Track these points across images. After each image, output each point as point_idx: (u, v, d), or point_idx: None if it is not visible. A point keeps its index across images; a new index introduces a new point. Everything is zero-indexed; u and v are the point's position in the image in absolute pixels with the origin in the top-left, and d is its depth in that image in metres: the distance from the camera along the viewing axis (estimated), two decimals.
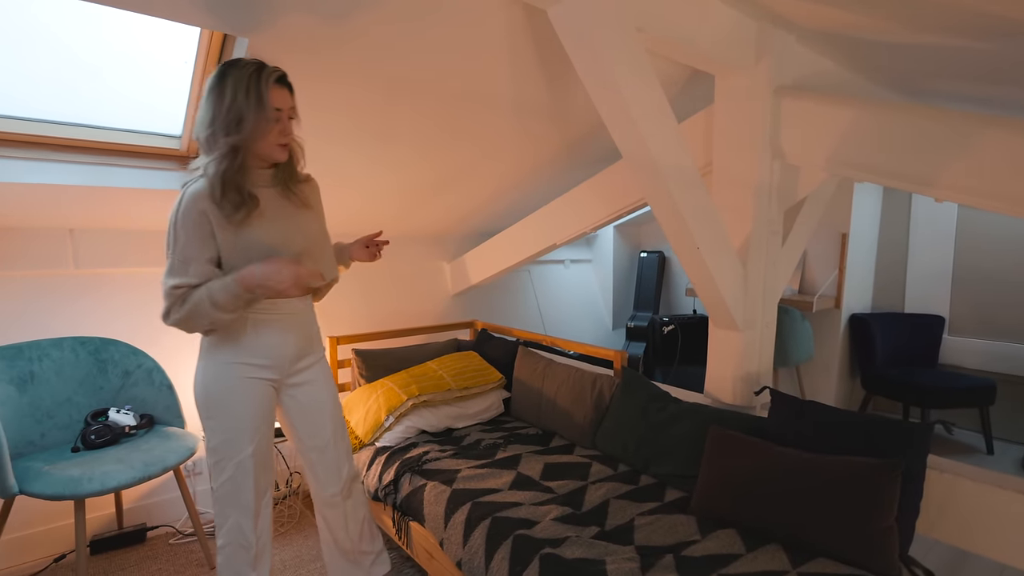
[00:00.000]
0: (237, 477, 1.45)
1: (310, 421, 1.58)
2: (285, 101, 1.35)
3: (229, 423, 1.43)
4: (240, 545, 1.49)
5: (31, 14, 1.54)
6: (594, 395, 2.18)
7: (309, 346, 1.55)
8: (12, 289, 2.07)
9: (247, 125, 1.30)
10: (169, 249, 1.34)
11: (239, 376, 1.43)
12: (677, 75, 2.15)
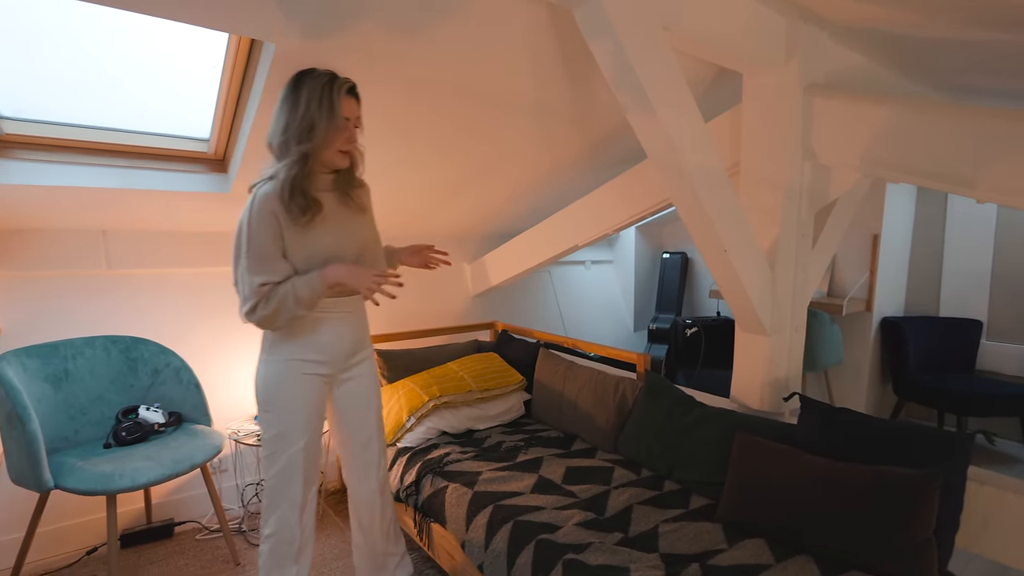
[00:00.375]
0: (288, 470, 1.51)
1: (357, 415, 1.64)
2: (353, 111, 1.44)
3: (284, 417, 1.49)
4: (285, 538, 1.54)
5: (61, 24, 1.58)
6: (616, 398, 2.16)
7: (361, 343, 1.62)
8: (48, 288, 2.13)
9: (318, 133, 1.37)
10: (242, 248, 1.40)
11: (297, 372, 1.49)
12: (704, 73, 2.11)
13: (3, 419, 1.69)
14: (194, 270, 2.42)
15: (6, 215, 1.93)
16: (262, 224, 1.38)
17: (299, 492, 1.54)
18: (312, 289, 1.40)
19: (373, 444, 1.68)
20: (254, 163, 1.99)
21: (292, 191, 1.38)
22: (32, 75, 1.67)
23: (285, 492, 1.52)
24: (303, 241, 1.42)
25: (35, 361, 1.94)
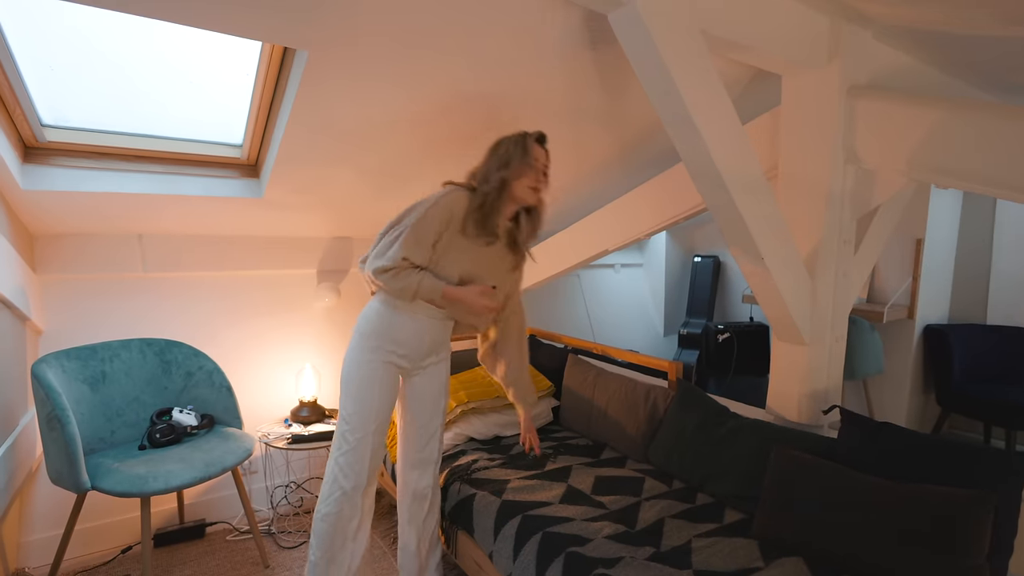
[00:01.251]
0: (358, 450, 1.62)
1: (425, 410, 1.76)
2: (543, 157, 1.62)
3: (363, 398, 1.62)
4: (345, 515, 1.63)
5: (100, 34, 1.61)
6: (647, 407, 2.11)
7: (439, 347, 1.74)
8: (86, 291, 2.19)
9: (512, 165, 1.57)
10: (409, 221, 1.55)
11: (380, 360, 1.63)
12: (740, 75, 2.05)
13: (43, 421, 1.74)
14: (226, 274, 2.46)
15: (48, 220, 1.98)
16: (438, 216, 1.55)
17: (364, 474, 1.63)
18: (431, 295, 1.56)
19: (435, 441, 1.78)
20: (287, 168, 2.01)
21: (483, 207, 1.57)
22: (72, 84, 1.72)
23: (351, 472, 1.62)
24: (456, 253, 1.59)
25: (74, 363, 1.99)
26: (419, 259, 1.56)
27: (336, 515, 1.63)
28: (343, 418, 1.65)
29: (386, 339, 1.63)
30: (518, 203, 1.63)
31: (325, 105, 1.72)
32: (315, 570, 1.65)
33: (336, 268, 2.72)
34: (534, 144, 1.61)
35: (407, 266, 1.55)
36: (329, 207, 2.37)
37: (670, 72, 1.33)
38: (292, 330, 2.64)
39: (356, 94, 1.69)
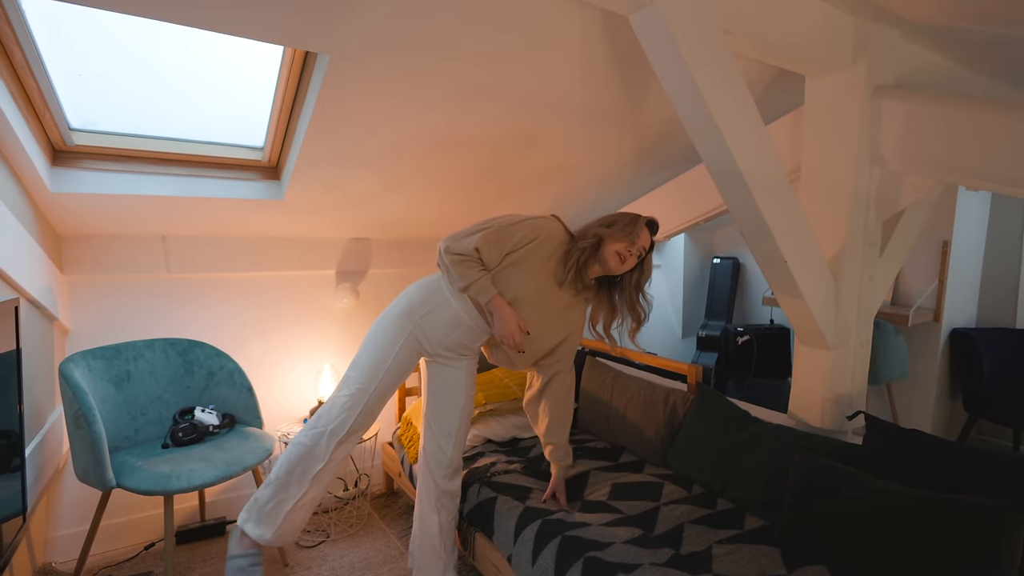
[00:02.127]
0: (354, 398, 1.68)
1: (442, 401, 1.79)
2: (644, 239, 1.63)
3: (378, 355, 1.68)
4: (312, 452, 1.69)
5: (125, 39, 1.64)
6: (666, 411, 2.09)
7: (461, 349, 1.76)
8: (111, 291, 2.23)
9: (615, 227, 1.62)
10: (494, 222, 1.62)
11: (409, 331, 1.68)
12: (761, 75, 2.02)
13: (70, 419, 1.77)
14: (247, 275, 2.49)
15: (75, 222, 2.03)
16: (526, 231, 1.61)
17: (348, 423, 1.68)
18: (481, 294, 1.59)
19: (451, 441, 1.79)
20: (307, 170, 2.03)
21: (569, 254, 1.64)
22: (99, 88, 1.75)
23: (338, 415, 1.68)
24: (523, 274, 1.62)
25: (100, 362, 2.03)
26: (488, 258, 1.59)
27: (306, 447, 1.69)
28: (353, 364, 1.72)
29: (420, 312, 1.68)
30: (603, 266, 1.64)
31: (345, 108, 1.73)
32: (265, 488, 1.74)
33: (355, 269, 2.74)
34: (643, 225, 1.64)
35: (475, 258, 1.59)
36: (348, 209, 2.39)
37: (692, 74, 1.31)
38: (311, 331, 2.66)
39: (376, 96, 1.70)
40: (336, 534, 2.39)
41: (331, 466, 1.72)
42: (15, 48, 1.45)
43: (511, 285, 1.61)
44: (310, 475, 1.70)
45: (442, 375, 1.78)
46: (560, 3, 1.49)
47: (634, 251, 1.61)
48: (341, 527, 2.44)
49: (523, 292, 1.62)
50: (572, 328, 1.75)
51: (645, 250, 1.64)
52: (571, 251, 1.63)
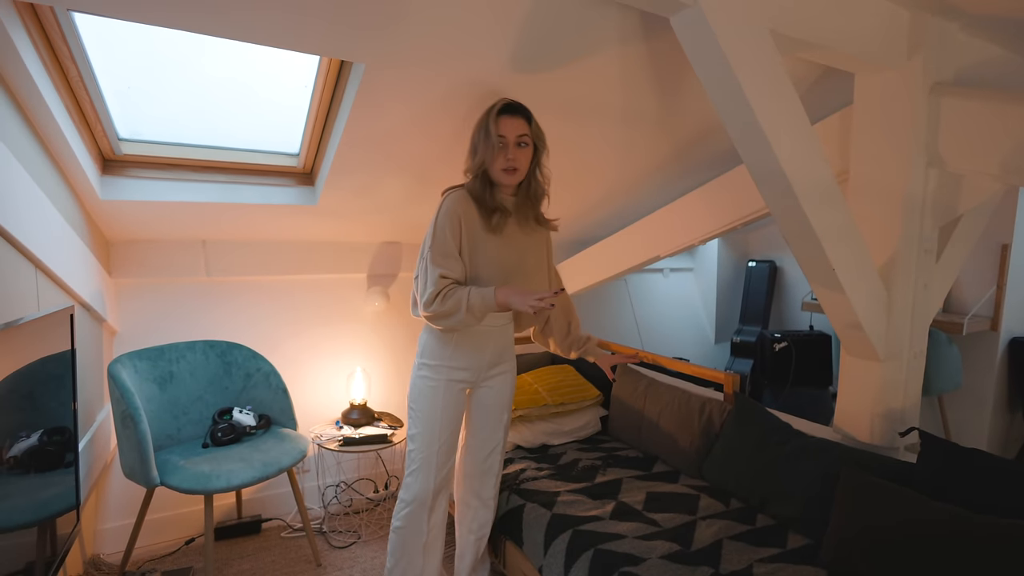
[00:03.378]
0: (423, 469, 1.63)
1: (488, 423, 1.74)
2: (511, 129, 1.50)
3: (427, 419, 1.62)
4: (413, 531, 1.66)
5: (170, 51, 1.68)
6: (702, 420, 2.03)
7: (501, 357, 1.72)
8: (155, 294, 2.30)
9: (478, 154, 1.53)
10: (428, 244, 1.53)
11: (443, 379, 1.62)
12: (805, 74, 1.94)
13: (118, 418, 1.83)
14: (282, 278, 2.54)
15: (122, 227, 2.10)
16: (447, 223, 1.51)
17: (430, 493, 1.64)
18: (484, 301, 1.45)
19: (496, 454, 1.76)
20: (340, 176, 2.05)
21: (474, 198, 1.55)
22: (147, 100, 1.80)
23: (416, 489, 1.63)
24: (479, 246, 1.54)
25: (145, 363, 2.10)
26: (455, 272, 1.50)
27: (404, 529, 1.66)
28: (410, 436, 1.66)
29: (446, 358, 1.62)
30: (505, 186, 1.57)
31: (379, 115, 1.74)
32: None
33: (385, 272, 2.76)
34: (497, 118, 1.49)
35: (448, 283, 1.49)
36: (379, 213, 2.41)
37: (736, 75, 1.26)
38: (343, 333, 2.69)
39: (409, 103, 1.70)
40: (367, 536, 2.41)
41: (435, 534, 1.70)
42: (70, 64, 1.50)
43: (490, 266, 1.55)
44: (418, 551, 1.67)
45: (488, 397, 1.72)
46: (597, 6, 1.46)
47: (512, 154, 1.50)
48: (372, 529, 2.46)
49: (502, 261, 1.57)
50: (547, 244, 1.73)
51: (526, 135, 1.51)
52: (476, 199, 1.55)
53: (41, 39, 1.38)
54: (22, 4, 1.27)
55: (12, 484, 1.14)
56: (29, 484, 1.23)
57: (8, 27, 1.19)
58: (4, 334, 1.04)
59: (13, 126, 1.34)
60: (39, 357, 1.27)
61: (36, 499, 1.24)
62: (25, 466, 1.20)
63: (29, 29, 1.32)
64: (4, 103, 1.30)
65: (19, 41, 1.25)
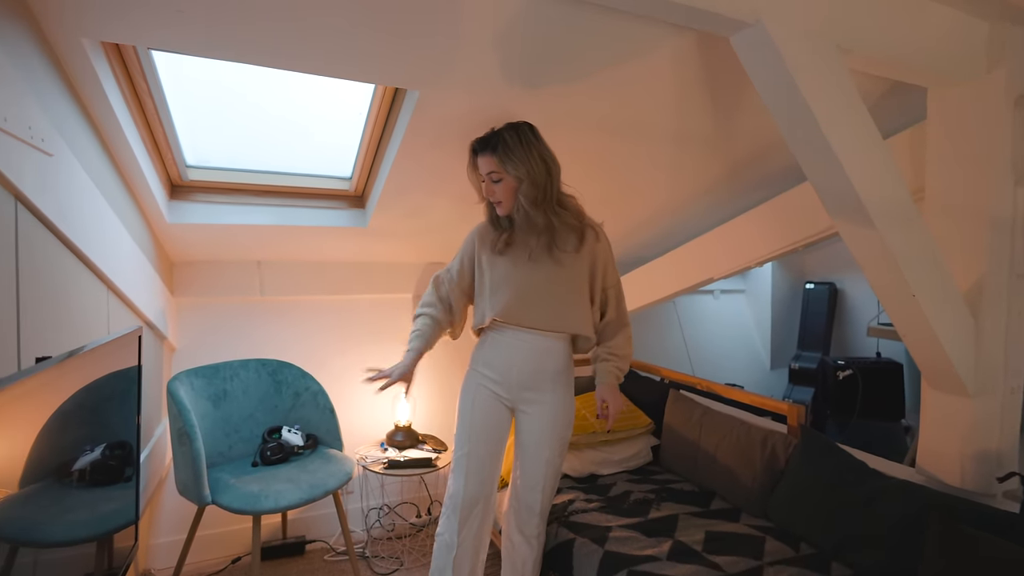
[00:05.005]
0: (456, 471, 1.64)
1: (528, 453, 1.66)
2: (483, 167, 1.56)
3: (460, 418, 1.67)
4: (445, 541, 1.65)
5: (232, 82, 1.75)
6: (765, 455, 1.91)
7: (537, 380, 1.62)
8: (211, 313, 2.38)
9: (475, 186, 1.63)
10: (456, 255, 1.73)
11: (476, 382, 1.67)
12: (871, 88, 1.85)
13: (175, 434, 1.87)
14: (331, 298, 2.58)
15: (186, 249, 2.18)
16: (465, 242, 1.71)
17: (460, 496, 1.61)
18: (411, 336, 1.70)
19: (536, 492, 1.65)
20: (390, 199, 2.07)
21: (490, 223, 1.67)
22: (212, 128, 1.88)
23: (451, 492, 1.64)
24: (489, 267, 1.64)
25: (201, 381, 2.15)
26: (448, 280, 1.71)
27: (441, 536, 1.66)
28: (455, 447, 1.69)
29: (480, 363, 1.67)
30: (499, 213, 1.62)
31: (431, 140, 1.76)
32: None
33: None
34: (472, 158, 1.58)
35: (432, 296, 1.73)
36: (425, 234, 2.43)
37: (803, 93, 1.21)
38: (389, 353, 2.70)
39: (461, 127, 1.71)
40: (410, 563, 2.37)
41: (464, 551, 1.63)
42: (147, 99, 1.58)
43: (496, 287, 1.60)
44: (448, 564, 1.63)
45: (526, 424, 1.65)
46: (653, 29, 1.43)
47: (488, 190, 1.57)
48: (415, 556, 2.42)
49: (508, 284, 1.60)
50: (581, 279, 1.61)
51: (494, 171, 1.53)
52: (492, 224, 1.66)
53: (123, 75, 1.47)
54: (109, 44, 1.35)
55: (76, 497, 1.16)
56: (92, 497, 1.25)
57: (96, 65, 1.27)
58: (79, 356, 1.08)
59: (94, 156, 1.41)
60: (107, 373, 1.30)
61: (98, 513, 1.26)
62: (88, 480, 1.22)
63: (113, 66, 1.40)
64: (87, 135, 1.38)
65: (104, 77, 1.33)
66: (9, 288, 0.96)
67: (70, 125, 1.26)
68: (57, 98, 1.20)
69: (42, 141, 1.03)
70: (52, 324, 1.17)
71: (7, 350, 0.96)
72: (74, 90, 1.30)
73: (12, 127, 0.91)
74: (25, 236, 1.01)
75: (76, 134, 1.29)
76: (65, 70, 1.24)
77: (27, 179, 0.97)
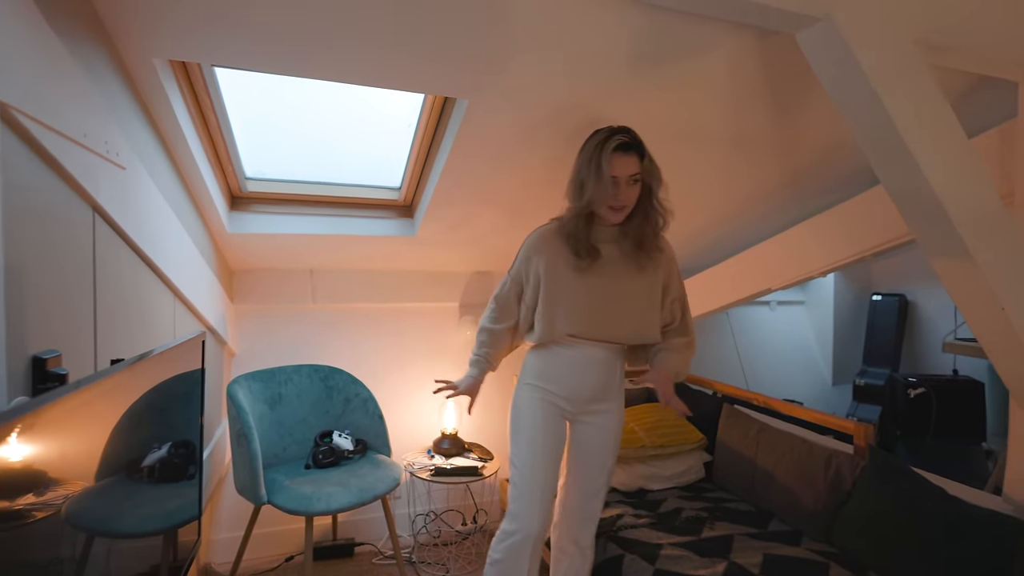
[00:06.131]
0: (527, 495, 1.52)
1: (588, 464, 1.60)
2: (625, 169, 1.41)
3: (527, 437, 1.56)
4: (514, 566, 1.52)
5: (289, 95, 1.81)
6: (829, 476, 1.80)
7: (605, 392, 1.59)
8: (266, 319, 2.46)
9: (586, 193, 1.44)
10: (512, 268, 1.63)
11: (537, 396, 1.58)
12: (952, 85, 1.72)
13: (234, 435, 1.94)
14: (379, 306, 2.63)
15: (244, 258, 2.27)
16: (528, 257, 1.57)
17: (536, 523, 1.50)
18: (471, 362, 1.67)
19: (598, 500, 1.62)
20: (439, 209, 2.09)
21: (568, 239, 1.50)
22: (269, 140, 1.95)
23: (524, 521, 1.51)
24: (562, 284, 1.51)
25: (258, 384, 2.23)
26: (508, 300, 1.62)
27: (503, 563, 1.53)
28: (511, 462, 1.59)
29: (542, 378, 1.58)
30: (608, 224, 1.49)
31: (479, 149, 1.76)
32: None
33: (477, 302, 2.77)
34: (612, 155, 1.40)
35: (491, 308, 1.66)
36: (472, 244, 2.44)
37: (877, 92, 1.13)
38: (436, 362, 2.72)
39: (510, 135, 1.71)
40: (456, 570, 2.36)
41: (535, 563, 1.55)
42: (211, 114, 1.66)
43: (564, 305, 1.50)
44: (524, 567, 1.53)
45: (589, 435, 1.60)
46: (709, 29, 1.38)
47: (623, 194, 1.41)
48: (460, 563, 2.41)
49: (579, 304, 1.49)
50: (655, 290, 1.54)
51: (637, 174, 1.41)
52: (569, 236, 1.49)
53: (189, 92, 1.54)
54: (176, 62, 1.42)
55: (145, 492, 1.21)
56: (159, 493, 1.30)
57: (164, 83, 1.34)
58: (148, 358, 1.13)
59: (162, 169, 1.49)
60: (173, 375, 1.36)
61: (164, 508, 1.31)
62: (156, 476, 1.28)
63: (180, 83, 1.47)
64: (156, 149, 1.45)
65: (172, 94, 1.40)
66: (87, 295, 1.02)
67: (141, 140, 1.33)
68: (130, 114, 1.27)
69: (117, 155, 1.09)
70: (125, 329, 1.23)
71: (85, 353, 1.01)
72: (145, 107, 1.37)
73: (91, 142, 0.97)
74: (101, 246, 1.07)
75: (146, 148, 1.37)
76: (137, 88, 1.32)
77: (103, 192, 1.03)
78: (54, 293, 0.90)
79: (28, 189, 0.82)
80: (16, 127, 0.77)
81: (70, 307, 0.96)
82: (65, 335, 0.94)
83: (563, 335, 1.52)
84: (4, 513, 0.57)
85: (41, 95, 0.82)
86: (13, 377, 0.77)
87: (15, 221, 0.77)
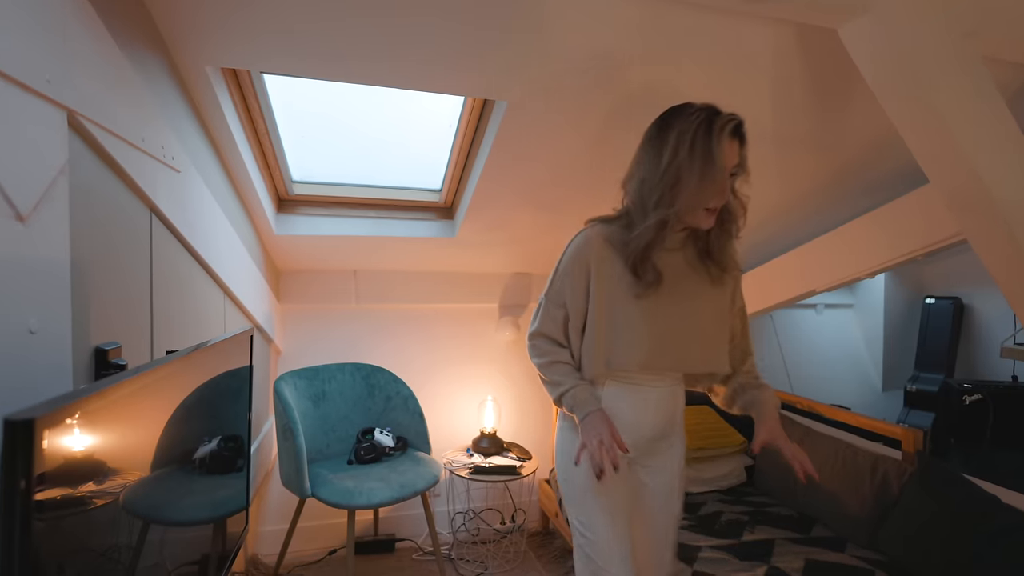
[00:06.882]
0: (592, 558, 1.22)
1: (654, 510, 1.30)
2: (732, 159, 1.11)
3: (580, 493, 1.25)
4: None
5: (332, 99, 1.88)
6: (875, 482, 1.74)
7: (669, 427, 1.28)
8: (311, 318, 2.56)
9: (684, 191, 1.09)
10: (549, 283, 1.27)
11: None
12: (1010, 77, 1.64)
13: (280, 430, 2.03)
14: (420, 306, 2.68)
15: (291, 259, 2.37)
16: (571, 271, 1.21)
17: None
18: (572, 408, 1.20)
19: (669, 551, 1.31)
20: (478, 210, 2.13)
21: (635, 258, 1.15)
22: (315, 144, 2.03)
23: None
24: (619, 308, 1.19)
25: (303, 382, 2.32)
26: (556, 332, 1.25)
27: None
28: (573, 528, 1.27)
29: None
30: (687, 226, 1.17)
31: (519, 149, 1.78)
32: None
33: (516, 303, 2.79)
34: (726, 140, 1.08)
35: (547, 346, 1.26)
36: (512, 245, 2.46)
37: (924, 88, 1.10)
38: (475, 362, 2.76)
39: (550, 136, 1.72)
40: (494, 568, 2.39)
41: None
42: (259, 119, 1.74)
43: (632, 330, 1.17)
44: None
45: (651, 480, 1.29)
46: (750, 24, 1.36)
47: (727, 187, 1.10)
48: (498, 562, 2.44)
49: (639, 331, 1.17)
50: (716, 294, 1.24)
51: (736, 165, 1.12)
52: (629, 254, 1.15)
53: (239, 98, 1.63)
54: (227, 69, 1.51)
55: (197, 483, 1.29)
56: (209, 484, 1.38)
57: (216, 89, 1.42)
58: (199, 351, 1.20)
59: (214, 172, 1.58)
60: (223, 371, 1.44)
61: (214, 498, 1.39)
62: (207, 467, 1.36)
63: (231, 90, 1.56)
64: (208, 153, 1.54)
65: (223, 100, 1.48)
66: (144, 291, 1.09)
67: (194, 144, 1.41)
68: (184, 120, 1.35)
69: (172, 159, 1.16)
70: (179, 324, 1.31)
71: (143, 343, 1.09)
72: (198, 112, 1.45)
73: (148, 146, 1.04)
74: (157, 244, 1.15)
75: (199, 152, 1.45)
76: (190, 94, 1.40)
77: (160, 193, 1.11)
78: (115, 289, 0.97)
79: (92, 191, 0.88)
80: (82, 132, 0.84)
81: (129, 303, 1.04)
82: (124, 329, 1.01)
83: (619, 372, 1.21)
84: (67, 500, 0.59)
85: (104, 102, 0.88)
86: (78, 366, 0.84)
87: (81, 222, 0.83)
